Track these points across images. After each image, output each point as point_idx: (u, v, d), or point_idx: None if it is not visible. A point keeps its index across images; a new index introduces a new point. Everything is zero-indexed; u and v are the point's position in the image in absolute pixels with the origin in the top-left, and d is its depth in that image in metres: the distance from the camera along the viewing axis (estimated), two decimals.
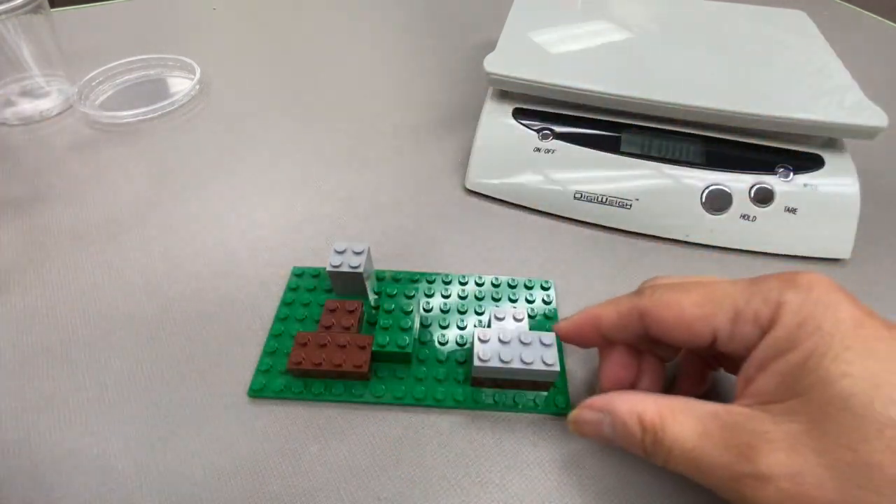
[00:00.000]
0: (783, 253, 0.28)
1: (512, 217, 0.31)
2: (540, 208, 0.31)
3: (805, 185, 0.28)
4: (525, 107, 0.32)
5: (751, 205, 0.28)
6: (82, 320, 0.25)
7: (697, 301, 0.17)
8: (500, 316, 0.23)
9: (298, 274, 0.26)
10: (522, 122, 0.31)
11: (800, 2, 0.42)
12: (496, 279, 0.26)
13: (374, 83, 0.42)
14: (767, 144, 0.29)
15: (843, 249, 0.28)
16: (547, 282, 0.26)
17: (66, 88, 0.39)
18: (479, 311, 0.25)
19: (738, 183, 0.28)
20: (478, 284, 0.26)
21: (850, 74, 0.30)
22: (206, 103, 0.39)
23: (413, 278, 0.26)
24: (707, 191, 0.28)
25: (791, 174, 0.28)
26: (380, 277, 0.26)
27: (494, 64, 0.30)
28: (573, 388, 0.22)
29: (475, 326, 0.24)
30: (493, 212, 0.31)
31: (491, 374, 0.21)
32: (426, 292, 0.25)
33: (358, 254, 0.23)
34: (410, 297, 0.25)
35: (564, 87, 0.29)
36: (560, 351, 0.23)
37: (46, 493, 0.19)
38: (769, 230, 0.28)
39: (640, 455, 0.17)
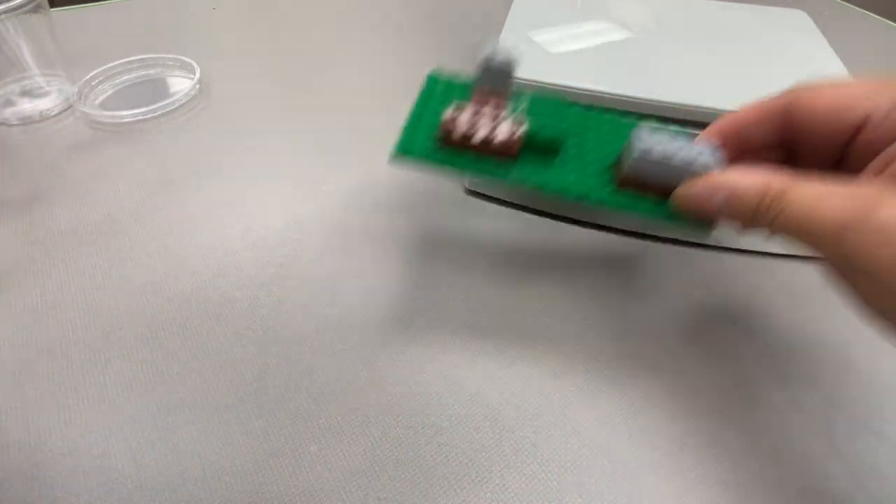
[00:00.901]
0: (788, 253, 0.28)
1: (512, 217, 0.31)
2: (540, 209, 0.31)
3: None
4: None
5: None
6: (82, 320, 0.25)
7: (857, 87, 0.17)
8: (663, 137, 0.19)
9: (433, 81, 0.24)
10: None
11: (801, 2, 0.42)
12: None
13: (374, 82, 0.41)
14: None
15: None
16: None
17: (66, 88, 0.39)
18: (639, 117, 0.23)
19: None
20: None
21: (848, 74, 0.30)
22: (207, 103, 0.39)
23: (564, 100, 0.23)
24: None
25: None
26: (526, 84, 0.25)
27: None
28: None
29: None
30: (494, 212, 0.31)
31: (647, 170, 0.19)
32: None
33: (503, 53, 0.20)
34: (563, 105, 0.23)
35: (566, 87, 0.29)
36: None
37: (47, 492, 0.19)
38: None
39: (739, 221, 0.17)
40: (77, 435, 0.21)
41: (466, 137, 0.20)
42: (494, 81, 0.21)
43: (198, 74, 0.40)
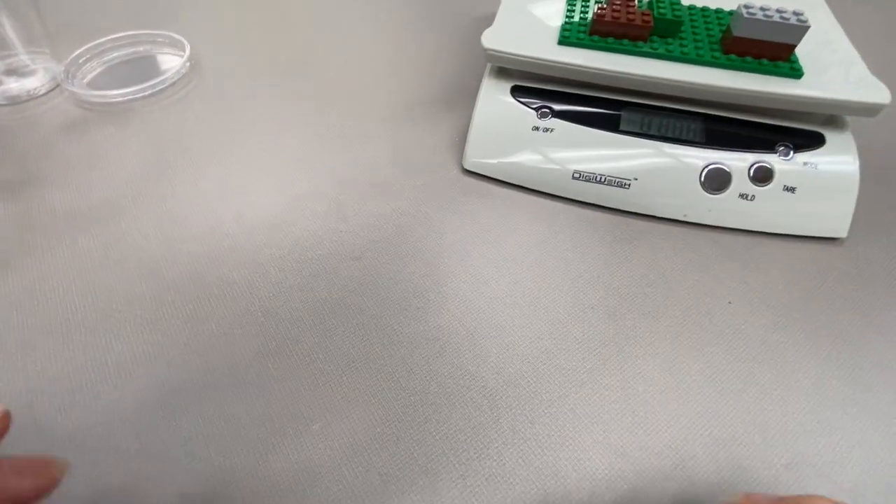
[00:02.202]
0: (780, 232, 0.28)
1: (510, 198, 0.30)
2: (538, 188, 0.30)
3: (805, 163, 0.28)
4: (524, 84, 0.31)
5: (750, 184, 0.28)
6: (81, 303, 0.25)
7: None
8: (761, 4, 0.27)
9: None
10: (521, 99, 0.31)
11: None
12: None
13: (369, 60, 0.41)
14: (768, 122, 0.29)
15: (841, 228, 0.28)
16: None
17: (53, 67, 0.38)
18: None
19: (738, 162, 0.28)
20: None
21: (854, 49, 0.29)
22: (198, 81, 0.38)
23: None
24: (706, 170, 0.28)
25: (791, 152, 0.28)
26: None
27: (492, 40, 0.30)
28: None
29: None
30: (492, 193, 0.31)
31: (750, 28, 0.27)
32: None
33: None
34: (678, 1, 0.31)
35: (563, 63, 0.28)
36: None
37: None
38: (767, 209, 0.28)
39: None
40: (81, 414, 0.21)
41: (613, 22, 0.28)
42: None
43: (188, 51, 0.39)
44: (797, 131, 0.29)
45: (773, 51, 0.27)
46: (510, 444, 0.21)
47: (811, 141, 0.28)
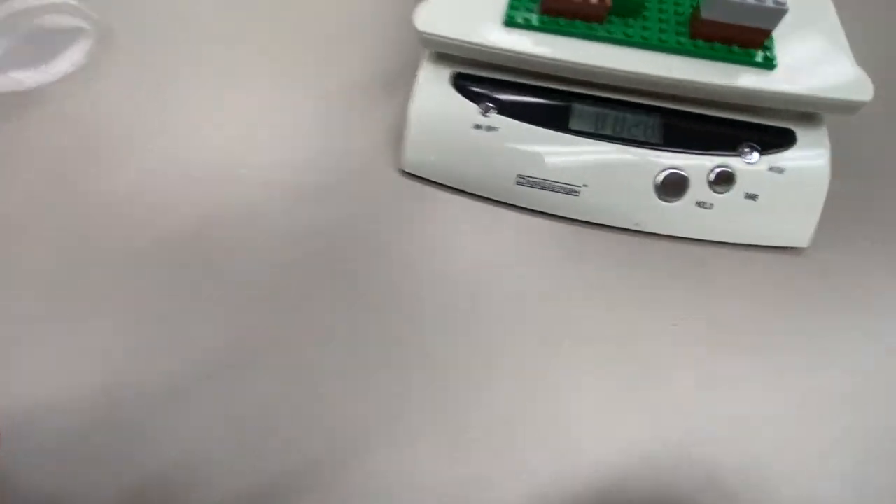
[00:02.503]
0: (738, 242, 0.26)
1: (453, 203, 0.28)
2: (482, 194, 0.28)
3: (770, 167, 0.25)
4: (467, 71, 0.27)
5: (709, 191, 0.26)
6: (27, 295, 0.23)
7: None
8: None
9: None
10: (463, 90, 0.27)
11: None
12: None
13: (297, 39, 0.35)
14: (734, 118, 0.26)
15: (802, 238, 0.26)
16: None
17: None
18: None
19: (698, 166, 0.25)
20: None
21: (843, 34, 0.25)
22: (113, 55, 0.33)
23: None
24: (662, 175, 0.26)
25: (756, 154, 0.25)
26: None
27: (426, 20, 0.25)
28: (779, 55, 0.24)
29: None
30: (434, 197, 0.28)
31: (719, 11, 0.23)
32: None
33: None
34: None
35: (505, 51, 0.25)
36: None
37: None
38: (726, 218, 0.26)
39: None
40: None
41: (565, 1, 0.24)
42: None
43: (96, 25, 0.34)
44: (766, 128, 0.26)
45: (746, 36, 0.24)
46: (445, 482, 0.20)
47: (781, 140, 0.26)
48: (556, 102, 0.26)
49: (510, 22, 0.25)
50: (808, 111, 0.25)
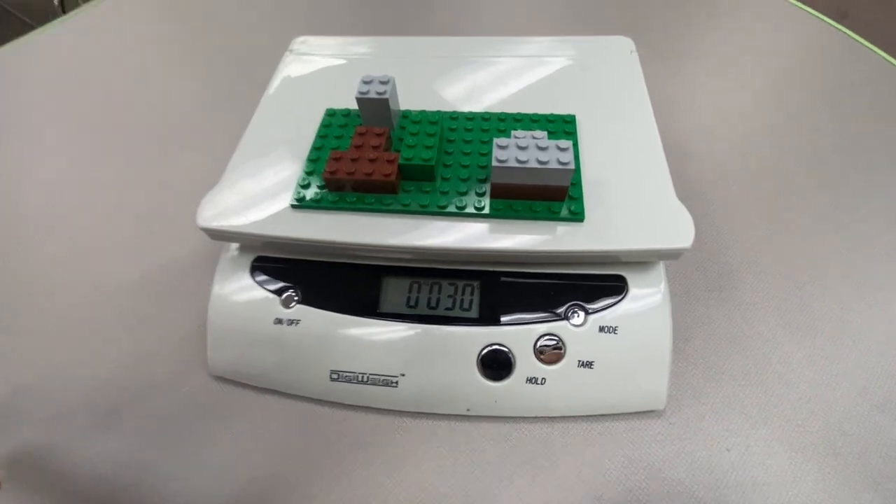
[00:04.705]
0: (588, 413, 0.23)
1: (267, 407, 0.24)
2: (297, 393, 0.24)
3: (601, 328, 0.23)
4: (268, 254, 0.25)
5: (537, 364, 0.23)
6: None
7: None
8: (520, 136, 0.22)
9: (331, 114, 0.27)
10: (263, 278, 0.25)
11: None
12: (518, 115, 0.26)
13: (102, 210, 0.33)
14: (557, 272, 0.23)
15: (657, 400, 0.23)
16: (569, 116, 0.26)
17: None
18: (502, 131, 0.25)
19: (520, 339, 0.23)
20: (500, 120, 0.26)
21: (665, 164, 0.23)
22: None
23: (434, 119, 0.25)
24: (482, 354, 0.23)
25: (584, 315, 0.23)
26: (405, 115, 0.26)
27: (209, 215, 0.23)
28: (589, 199, 0.22)
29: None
30: (246, 402, 0.25)
31: (508, 176, 0.21)
32: (449, 126, 0.26)
33: (384, 83, 0.24)
34: (434, 123, 0.25)
35: (288, 239, 0.22)
36: (577, 158, 0.24)
37: None
38: (564, 391, 0.23)
39: None
40: None
41: (350, 174, 0.22)
42: (374, 116, 0.25)
43: None
44: (590, 281, 0.23)
45: (547, 193, 0.22)
46: None
47: (609, 292, 0.23)
48: (362, 282, 0.24)
49: (299, 203, 0.23)
50: (629, 261, 0.23)
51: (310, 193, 0.23)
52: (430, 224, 0.22)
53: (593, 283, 0.23)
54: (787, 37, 0.42)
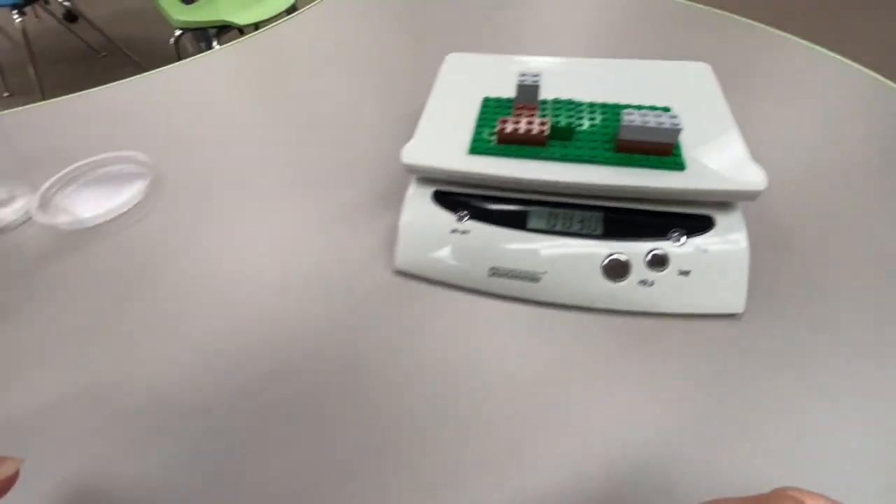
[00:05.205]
0: (681, 312, 0.31)
1: (437, 296, 0.33)
2: (461, 285, 0.33)
3: (696, 247, 0.31)
4: (445, 189, 0.34)
5: (647, 271, 0.31)
6: (88, 422, 0.27)
7: None
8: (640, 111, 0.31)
9: (487, 101, 0.37)
10: (442, 204, 0.34)
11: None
12: (629, 105, 0.36)
13: (310, 170, 0.44)
14: (661, 210, 0.32)
15: (737, 304, 0.30)
16: (667, 108, 0.35)
17: (22, 194, 0.41)
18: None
19: (635, 251, 0.31)
20: (617, 107, 0.36)
21: (739, 134, 0.32)
22: (163, 198, 0.42)
23: (570, 105, 0.36)
24: (606, 261, 0.31)
25: (683, 238, 0.31)
26: (546, 102, 0.36)
27: (411, 154, 0.33)
28: (687, 157, 0.31)
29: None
30: (420, 291, 0.33)
31: (633, 133, 0.30)
32: (581, 108, 0.36)
33: (535, 76, 0.35)
34: (571, 106, 0.36)
35: (472, 173, 0.32)
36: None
37: None
38: (666, 293, 0.31)
39: None
40: None
41: (513, 133, 0.32)
42: (526, 97, 0.35)
43: (150, 169, 0.42)
44: (688, 216, 0.31)
45: (657, 148, 0.31)
46: None
47: (701, 224, 0.31)
48: (516, 208, 0.33)
49: (474, 150, 0.33)
50: (718, 200, 0.31)
51: (482, 145, 0.33)
52: (570, 167, 0.31)
53: (689, 218, 0.31)
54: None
